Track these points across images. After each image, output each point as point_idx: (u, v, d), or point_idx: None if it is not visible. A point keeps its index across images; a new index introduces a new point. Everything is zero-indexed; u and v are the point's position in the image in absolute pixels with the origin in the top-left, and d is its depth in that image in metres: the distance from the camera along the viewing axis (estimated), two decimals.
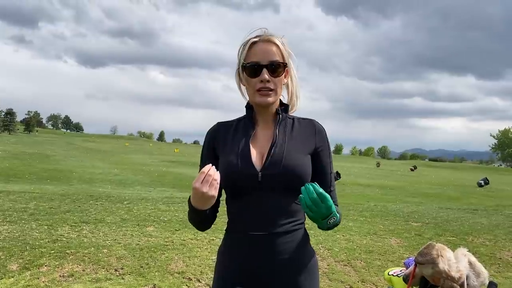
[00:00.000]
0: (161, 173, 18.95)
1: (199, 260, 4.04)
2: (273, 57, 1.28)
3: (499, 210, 9.58)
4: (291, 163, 1.24)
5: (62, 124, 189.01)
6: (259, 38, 1.30)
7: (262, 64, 1.27)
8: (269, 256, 1.23)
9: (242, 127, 1.35)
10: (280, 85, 1.31)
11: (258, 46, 1.29)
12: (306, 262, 1.30)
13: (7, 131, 78.00)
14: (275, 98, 1.30)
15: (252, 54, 1.29)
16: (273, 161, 1.24)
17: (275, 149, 1.27)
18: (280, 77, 1.29)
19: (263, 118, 1.35)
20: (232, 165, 1.26)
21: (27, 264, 3.60)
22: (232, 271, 1.28)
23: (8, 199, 6.59)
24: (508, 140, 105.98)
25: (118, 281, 3.42)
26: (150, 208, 6.63)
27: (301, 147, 1.30)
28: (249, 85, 1.31)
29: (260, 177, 1.23)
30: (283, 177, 1.23)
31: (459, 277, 2.02)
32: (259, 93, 1.29)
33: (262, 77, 1.27)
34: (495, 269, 4.54)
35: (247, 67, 1.29)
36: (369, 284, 3.89)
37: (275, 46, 1.29)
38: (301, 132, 1.34)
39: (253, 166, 1.25)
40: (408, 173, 39.36)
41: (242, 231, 1.26)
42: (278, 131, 1.31)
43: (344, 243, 5.10)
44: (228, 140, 1.33)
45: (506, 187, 23.66)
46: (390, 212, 7.95)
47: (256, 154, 1.28)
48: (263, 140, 1.31)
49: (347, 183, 18.81)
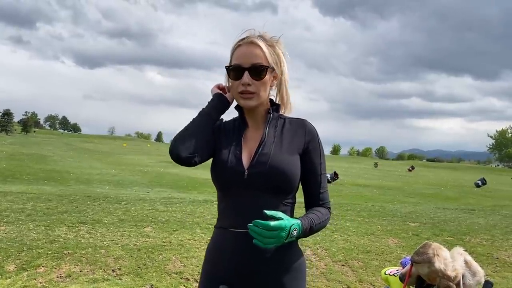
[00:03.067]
0: (159, 173, 18.92)
1: (197, 261, 4.04)
2: (256, 59, 1.27)
3: (496, 210, 9.61)
4: (278, 162, 1.25)
5: (59, 124, 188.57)
6: (243, 41, 1.29)
7: (244, 67, 1.27)
8: (252, 254, 1.23)
9: (236, 127, 1.37)
10: (264, 88, 1.30)
11: (242, 49, 1.29)
12: (291, 261, 1.29)
13: (5, 132, 77.73)
14: (257, 101, 1.30)
15: (236, 57, 1.29)
16: (260, 160, 1.25)
17: (263, 148, 1.28)
18: (262, 80, 1.28)
19: (253, 118, 1.36)
20: (221, 163, 1.29)
21: (24, 265, 3.59)
22: (217, 269, 1.30)
23: (5, 199, 6.57)
24: (505, 141, 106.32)
25: (115, 282, 3.42)
26: (147, 208, 6.62)
27: (290, 147, 1.30)
28: (232, 88, 1.33)
29: (246, 175, 1.24)
30: (269, 176, 1.24)
31: (455, 276, 2.03)
32: (240, 96, 1.30)
33: (243, 81, 1.27)
34: (492, 269, 4.56)
35: (230, 69, 1.30)
36: (366, 284, 3.90)
37: (259, 48, 1.28)
38: (291, 132, 1.34)
39: (241, 164, 1.26)
40: (406, 174, 39.42)
41: (228, 228, 1.28)
42: (268, 130, 1.32)
43: (341, 243, 5.11)
44: (224, 138, 1.35)
45: (504, 187, 23.75)
46: (388, 212, 7.96)
47: (245, 153, 1.30)
48: (253, 139, 1.33)
49: (345, 184, 18.83)
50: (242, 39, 1.30)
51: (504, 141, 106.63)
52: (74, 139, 79.76)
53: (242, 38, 1.31)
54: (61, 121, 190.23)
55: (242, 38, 1.31)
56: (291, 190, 1.29)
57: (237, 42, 1.31)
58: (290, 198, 1.30)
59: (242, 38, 1.31)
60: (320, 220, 1.28)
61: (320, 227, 1.29)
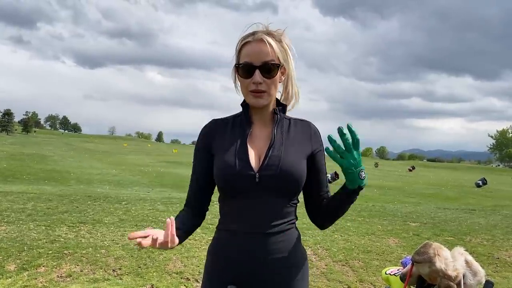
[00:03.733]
0: (159, 173, 18.93)
1: (197, 260, 4.04)
2: (266, 57, 1.23)
3: (497, 210, 9.61)
4: (288, 165, 1.23)
5: (60, 124, 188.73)
6: (252, 38, 1.25)
7: (255, 65, 1.24)
8: (262, 254, 1.23)
9: (239, 125, 1.32)
10: (274, 86, 1.27)
11: (251, 46, 1.25)
12: (298, 261, 1.30)
13: (5, 132, 77.81)
14: (268, 99, 1.28)
15: (245, 54, 1.25)
16: (271, 163, 1.23)
17: (273, 151, 1.25)
18: (273, 78, 1.26)
19: (260, 117, 1.32)
20: (229, 166, 1.23)
21: (25, 265, 3.59)
22: (223, 270, 1.27)
23: (5, 199, 6.57)
24: (506, 141, 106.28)
25: (116, 282, 3.42)
26: (148, 208, 6.62)
27: (298, 149, 1.29)
28: (242, 86, 1.29)
29: (258, 178, 1.22)
30: (280, 179, 1.22)
31: (455, 276, 2.03)
32: (252, 94, 1.26)
33: (254, 79, 1.24)
34: (493, 269, 4.56)
35: (240, 67, 1.27)
36: (367, 284, 3.89)
37: (269, 45, 1.24)
38: (298, 134, 1.32)
39: (251, 167, 1.23)
40: (406, 174, 39.41)
41: (236, 229, 1.25)
42: (276, 132, 1.29)
43: (342, 243, 5.11)
44: (225, 138, 1.31)
45: (504, 187, 23.73)
46: (388, 212, 7.96)
47: (253, 154, 1.26)
48: (260, 140, 1.30)
49: None
50: (249, 35, 1.26)
51: (505, 141, 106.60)
52: (74, 139, 79.82)
53: (249, 34, 1.27)
54: (61, 121, 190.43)
55: (249, 34, 1.27)
56: (298, 191, 1.29)
57: (244, 38, 1.27)
58: (295, 199, 1.30)
59: (249, 34, 1.27)
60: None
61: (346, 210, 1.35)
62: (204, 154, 1.33)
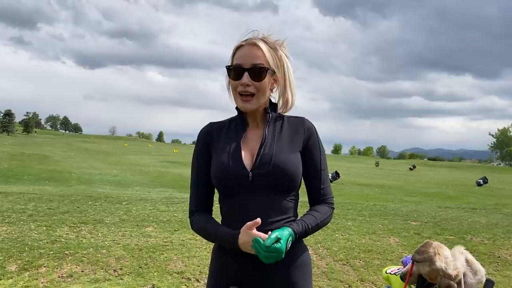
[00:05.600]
0: (160, 173, 18.94)
1: (198, 260, 4.04)
2: (256, 60, 1.27)
3: (498, 209, 9.60)
4: (280, 162, 1.26)
5: (60, 125, 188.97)
6: (246, 42, 1.30)
7: (244, 68, 1.27)
8: None
9: (234, 128, 1.36)
10: (263, 89, 1.29)
11: (243, 50, 1.29)
12: (299, 257, 1.31)
13: (6, 132, 77.91)
14: (256, 104, 1.30)
15: (237, 57, 1.29)
16: (263, 161, 1.26)
17: (264, 149, 1.28)
18: (262, 81, 1.28)
19: (253, 119, 1.36)
20: (223, 166, 1.28)
21: (26, 265, 3.60)
22: (226, 270, 1.30)
23: (6, 200, 6.58)
24: (507, 139, 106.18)
25: (117, 282, 3.43)
26: (149, 208, 6.63)
27: (290, 145, 1.31)
28: (232, 88, 1.33)
29: (251, 177, 1.25)
30: (273, 176, 1.25)
31: (456, 275, 2.03)
32: (240, 97, 1.30)
33: (242, 81, 1.27)
34: (494, 268, 4.55)
35: (230, 69, 1.31)
36: (368, 283, 3.89)
37: (260, 50, 1.28)
38: (290, 130, 1.35)
39: (244, 167, 1.26)
40: (407, 173, 39.39)
41: (236, 229, 1.26)
42: (267, 131, 1.32)
43: (343, 243, 5.11)
44: (221, 140, 1.35)
45: (505, 186, 23.70)
46: (389, 212, 7.96)
47: (246, 154, 1.29)
48: (253, 140, 1.33)
49: (346, 183, 18.83)
50: (244, 40, 1.30)
51: (506, 139, 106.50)
52: (75, 139, 79.90)
53: (244, 39, 1.31)
54: (62, 121, 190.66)
55: (244, 39, 1.31)
56: (294, 187, 1.30)
57: (239, 43, 1.31)
58: (293, 195, 1.32)
59: (244, 39, 1.31)
60: (318, 220, 1.30)
61: (320, 227, 1.32)
62: (205, 154, 1.36)
